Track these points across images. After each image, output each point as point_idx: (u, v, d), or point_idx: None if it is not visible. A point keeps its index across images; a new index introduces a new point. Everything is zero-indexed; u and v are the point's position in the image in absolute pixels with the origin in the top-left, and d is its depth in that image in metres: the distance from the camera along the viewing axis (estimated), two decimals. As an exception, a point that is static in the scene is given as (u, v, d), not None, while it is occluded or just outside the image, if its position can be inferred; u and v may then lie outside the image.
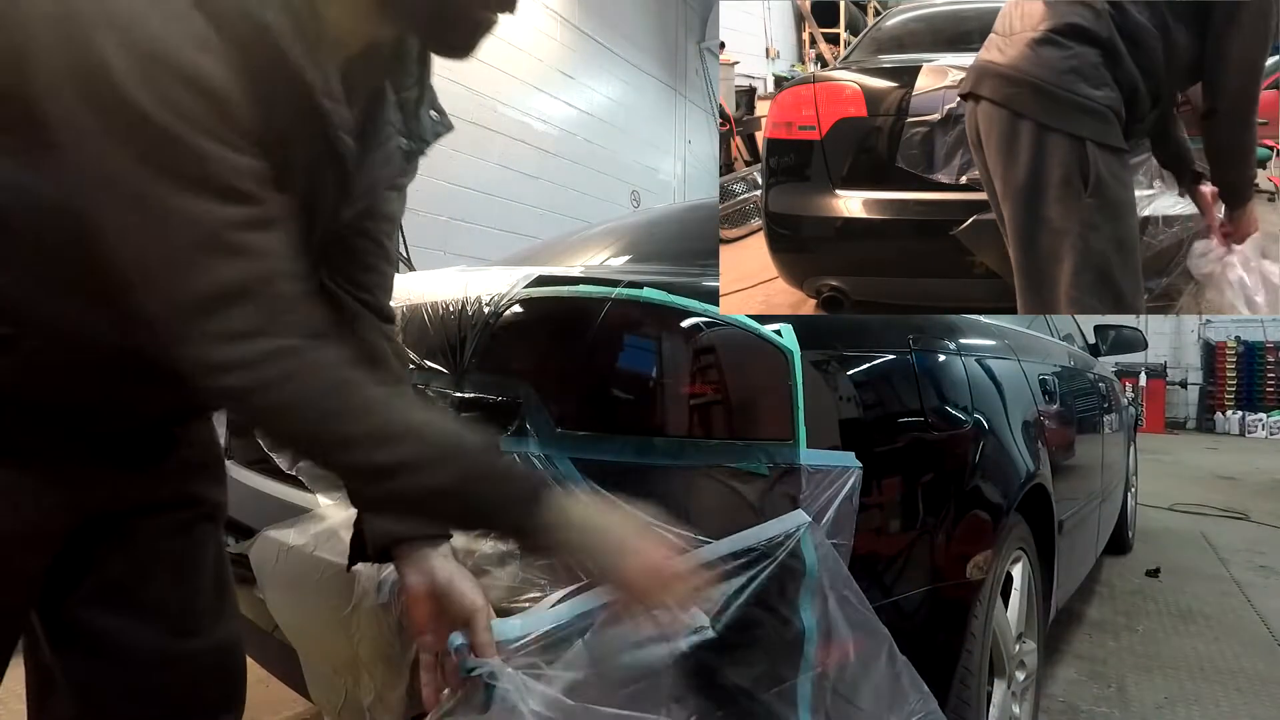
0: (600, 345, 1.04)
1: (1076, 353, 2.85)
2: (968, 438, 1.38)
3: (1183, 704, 2.17)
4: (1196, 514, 4.95)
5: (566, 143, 6.44)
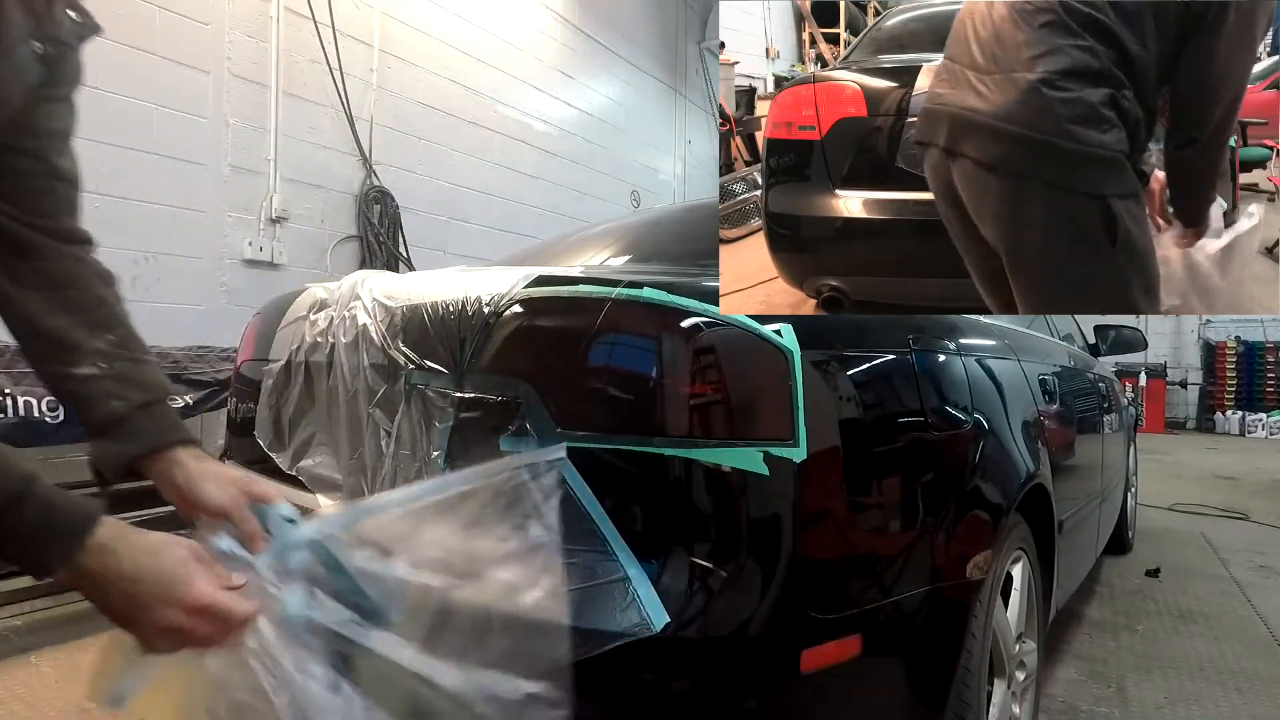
0: (600, 345, 1.04)
1: (1076, 353, 2.85)
2: (968, 438, 1.38)
3: (1183, 704, 2.17)
4: (1196, 514, 4.95)
5: (566, 143, 6.43)
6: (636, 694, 0.98)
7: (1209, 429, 11.84)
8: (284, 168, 4.13)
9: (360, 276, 1.34)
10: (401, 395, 1.17)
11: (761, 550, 0.99)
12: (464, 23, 5.30)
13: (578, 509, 1.00)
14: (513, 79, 5.77)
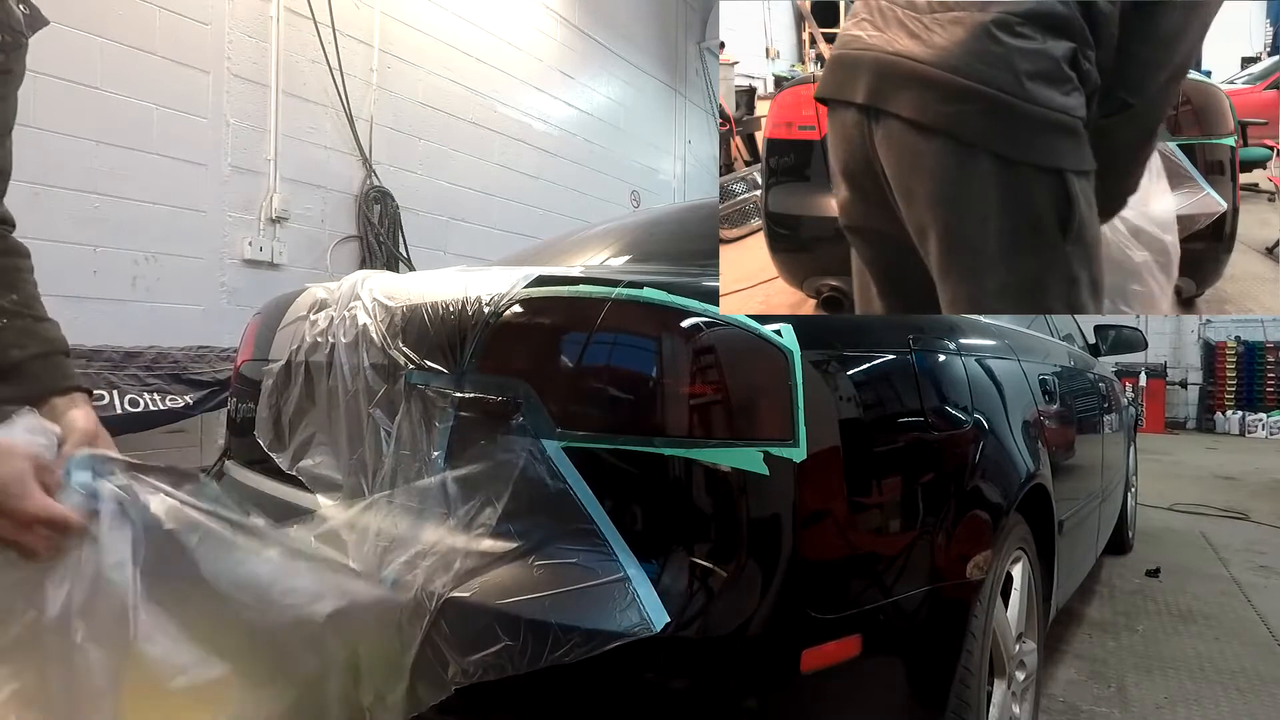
0: (600, 345, 1.04)
1: (1076, 353, 2.85)
2: (968, 438, 1.38)
3: (1183, 704, 2.17)
4: (1196, 514, 4.95)
5: (566, 143, 6.43)
6: (637, 694, 0.98)
7: (1209, 429, 11.84)
8: (284, 168, 4.13)
9: (360, 276, 1.34)
10: (401, 395, 1.17)
11: (761, 550, 0.99)
12: (464, 23, 5.30)
13: (577, 508, 1.00)
14: (513, 79, 5.77)
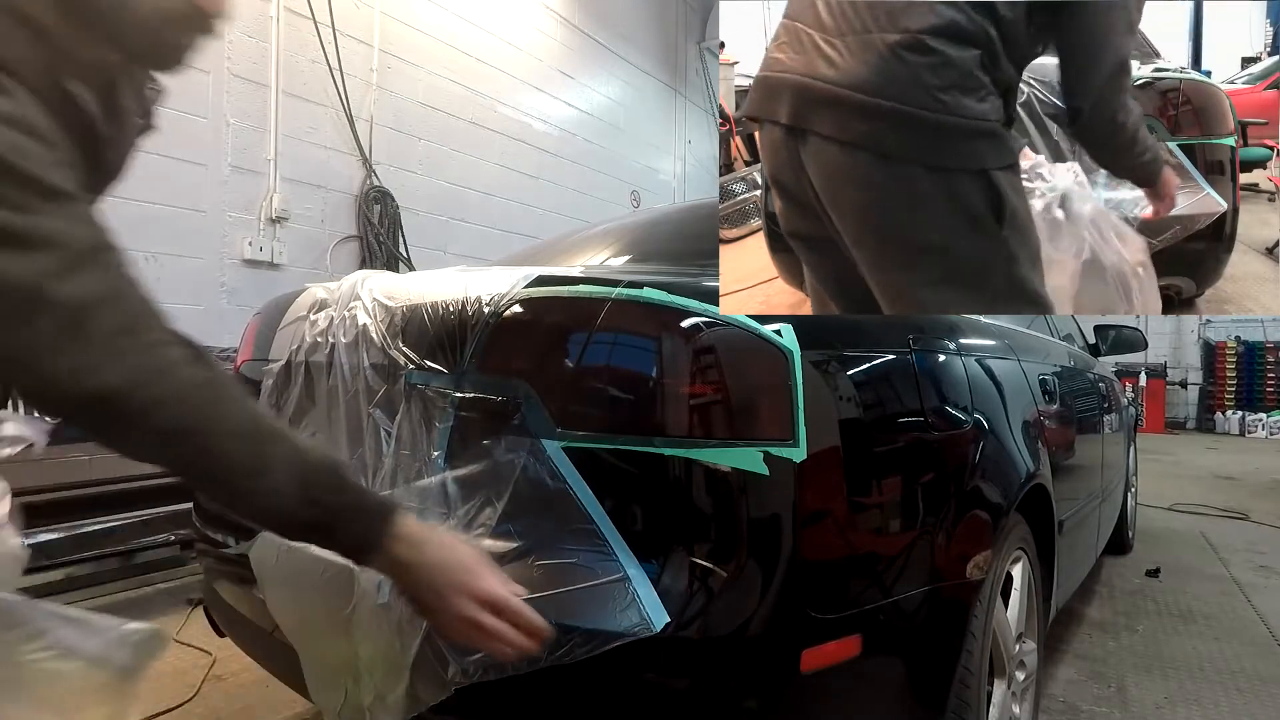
0: (600, 345, 1.04)
1: (1076, 353, 2.85)
2: (968, 438, 1.38)
3: (1183, 704, 2.17)
4: (1196, 514, 4.95)
5: (566, 143, 6.44)
6: (637, 694, 0.98)
7: (1209, 429, 11.84)
8: (284, 168, 4.13)
9: (360, 276, 1.34)
10: (401, 395, 1.17)
11: (761, 550, 0.99)
12: (464, 23, 5.30)
13: (577, 508, 1.00)
14: (513, 79, 5.77)
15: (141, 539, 3.02)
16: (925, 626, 1.19)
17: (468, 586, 0.83)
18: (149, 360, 0.70)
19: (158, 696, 2.05)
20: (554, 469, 1.02)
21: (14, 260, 0.66)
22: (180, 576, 3.10)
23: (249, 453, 0.75)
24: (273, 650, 1.30)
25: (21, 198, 0.67)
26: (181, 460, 0.76)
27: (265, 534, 1.27)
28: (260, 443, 0.76)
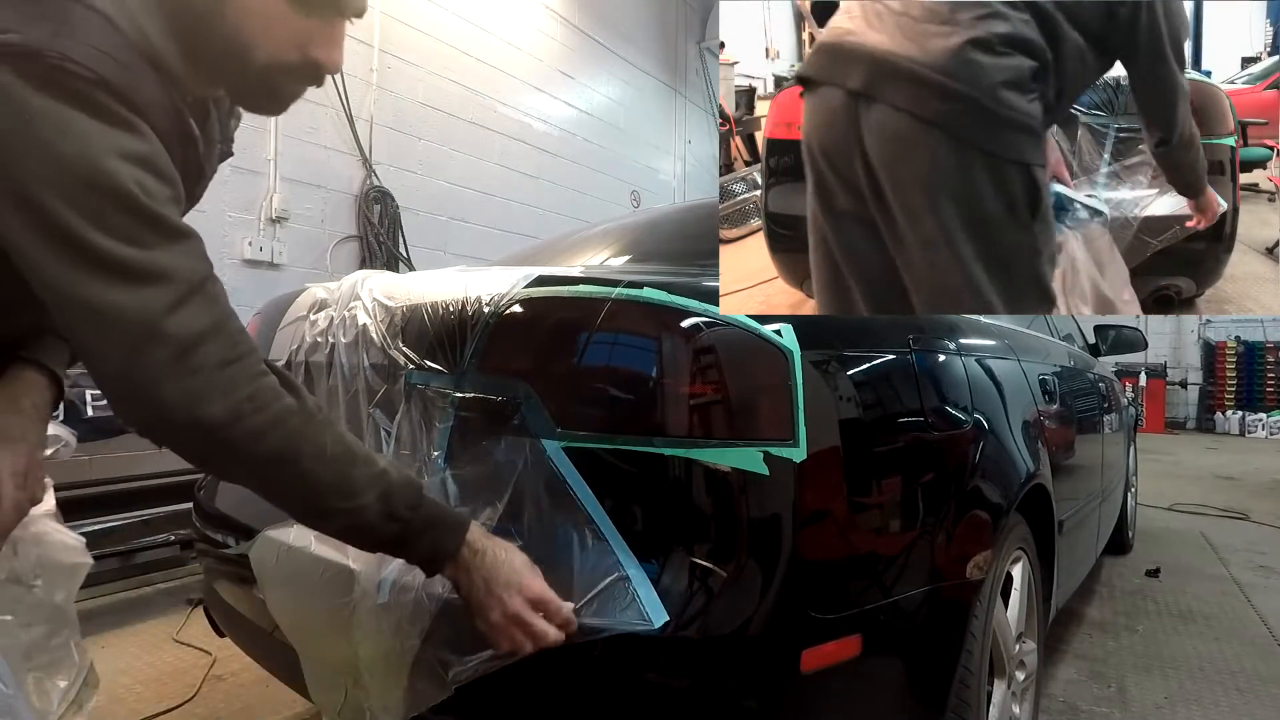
0: (600, 345, 1.04)
1: (1076, 353, 2.85)
2: (968, 438, 1.38)
3: (1183, 704, 2.17)
4: (1196, 514, 4.95)
5: (566, 143, 6.43)
6: (637, 694, 0.98)
7: (1209, 429, 11.84)
8: (284, 168, 4.13)
9: (360, 276, 1.34)
10: (401, 395, 1.17)
11: (761, 550, 0.99)
12: (464, 23, 5.30)
13: (577, 507, 1.00)
14: (513, 79, 5.77)
15: (141, 539, 3.02)
16: (925, 626, 1.19)
17: (521, 587, 0.91)
18: (250, 390, 0.75)
19: (158, 696, 2.06)
20: (554, 469, 1.02)
21: (133, 294, 0.70)
22: (180, 576, 3.10)
23: (338, 476, 0.81)
24: (273, 650, 1.30)
25: (143, 234, 0.71)
26: (278, 484, 0.81)
27: (265, 534, 1.27)
28: (349, 465, 0.82)
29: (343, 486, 0.82)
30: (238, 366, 0.75)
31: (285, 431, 0.77)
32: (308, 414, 0.80)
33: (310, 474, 0.80)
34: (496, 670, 0.95)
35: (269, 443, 0.76)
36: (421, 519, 0.87)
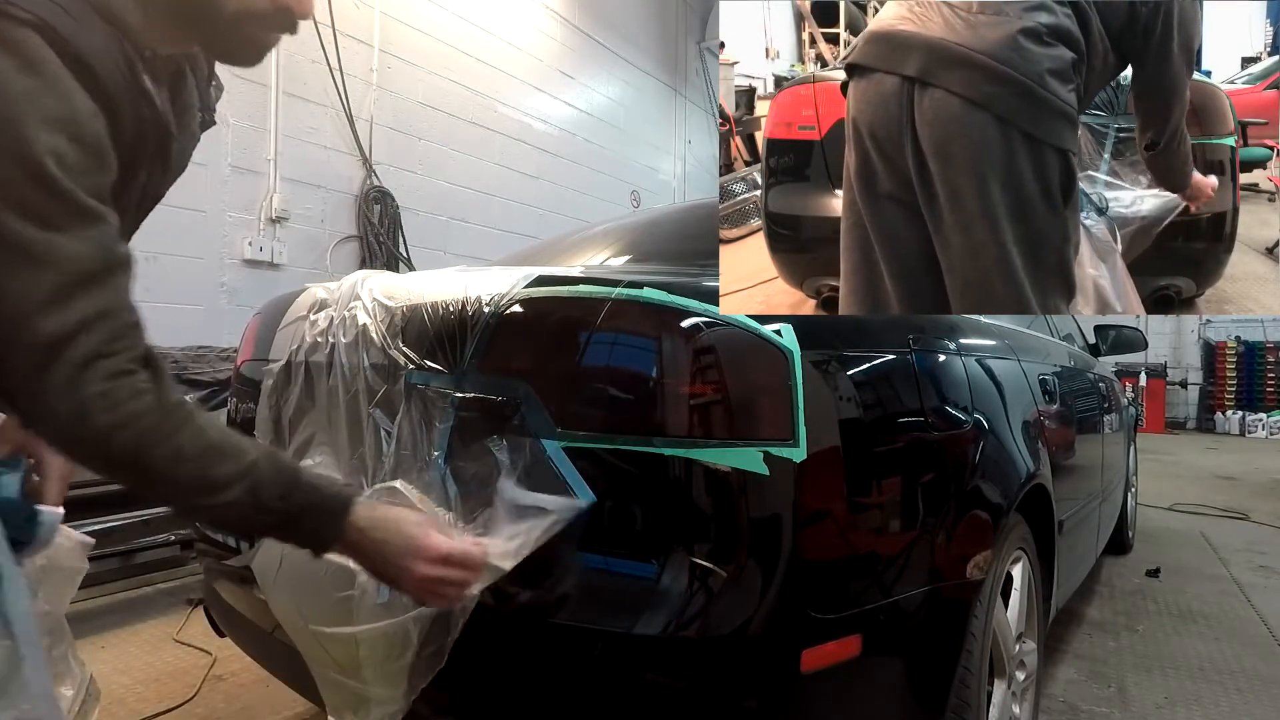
0: (600, 345, 1.04)
1: (1076, 353, 2.85)
2: (968, 438, 1.38)
3: (1183, 704, 2.17)
4: (1196, 514, 4.95)
5: (566, 143, 6.44)
6: (637, 694, 0.98)
7: (1209, 429, 11.83)
8: (284, 168, 4.13)
9: (360, 276, 1.34)
10: (401, 395, 1.17)
11: (761, 550, 0.99)
12: (464, 23, 5.31)
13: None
14: (513, 79, 5.78)
15: (141, 539, 3.01)
16: (925, 626, 1.19)
17: (419, 551, 0.89)
18: (103, 389, 0.72)
19: (158, 696, 2.06)
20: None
21: (14, 277, 0.67)
22: (180, 576, 3.10)
23: (197, 474, 0.78)
24: (273, 650, 1.30)
25: (47, 212, 0.68)
26: (135, 483, 0.79)
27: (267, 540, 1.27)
28: (210, 464, 0.79)
29: (203, 484, 0.79)
30: (101, 364, 0.71)
31: (135, 432, 0.73)
32: (165, 413, 0.76)
33: (165, 475, 0.77)
34: (493, 671, 0.95)
35: (118, 443, 0.73)
36: (295, 507, 0.84)
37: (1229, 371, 11.92)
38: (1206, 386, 12.09)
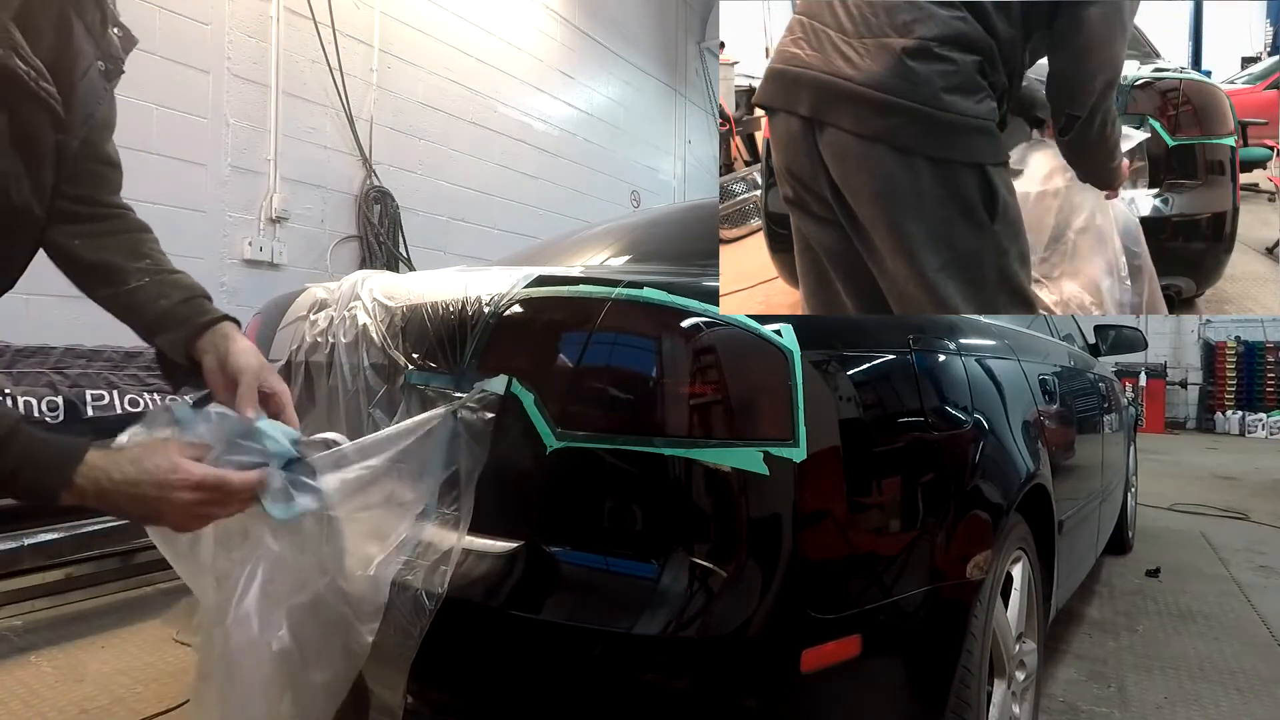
0: (600, 345, 1.04)
1: (1076, 353, 2.85)
2: (968, 438, 1.38)
3: (1183, 704, 2.17)
4: (1196, 514, 4.95)
5: (566, 143, 6.44)
6: (637, 694, 0.98)
7: (1209, 429, 11.83)
8: (284, 168, 4.13)
9: (360, 276, 1.34)
10: (401, 395, 1.17)
11: (761, 550, 0.99)
12: (464, 23, 5.31)
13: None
14: (513, 79, 5.78)
15: (141, 539, 3.01)
16: (925, 626, 1.19)
17: (171, 482, 0.85)
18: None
19: (158, 696, 2.05)
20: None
21: None
22: (180, 576, 3.10)
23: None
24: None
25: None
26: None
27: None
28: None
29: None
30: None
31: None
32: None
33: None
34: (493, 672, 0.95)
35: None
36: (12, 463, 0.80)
37: (1229, 371, 11.92)
38: (1206, 386, 12.09)
